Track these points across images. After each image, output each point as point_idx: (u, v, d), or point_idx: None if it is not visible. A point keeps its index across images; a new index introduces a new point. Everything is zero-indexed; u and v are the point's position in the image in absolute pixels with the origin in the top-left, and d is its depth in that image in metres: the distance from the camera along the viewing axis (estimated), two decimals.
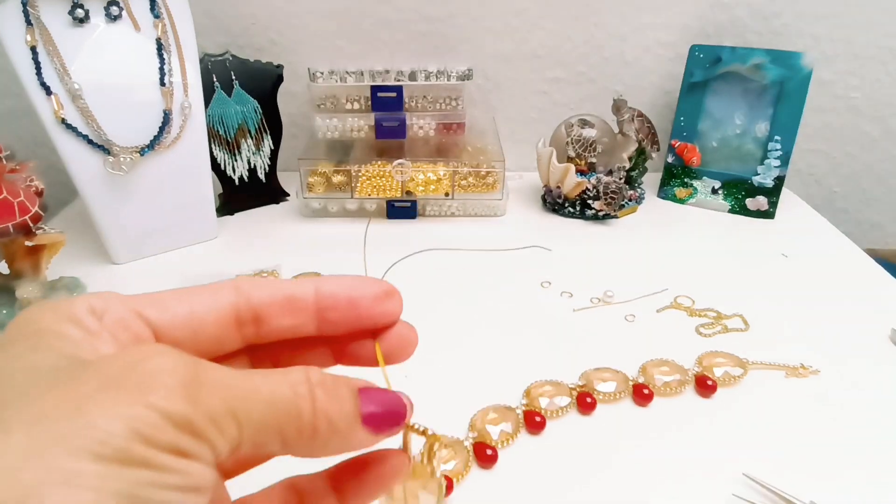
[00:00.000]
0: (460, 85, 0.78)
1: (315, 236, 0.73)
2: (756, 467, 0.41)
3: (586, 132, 0.81)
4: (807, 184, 0.96)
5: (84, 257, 0.67)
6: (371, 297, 0.21)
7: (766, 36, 0.85)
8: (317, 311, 0.21)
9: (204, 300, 0.20)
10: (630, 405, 0.48)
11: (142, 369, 0.15)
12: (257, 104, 0.76)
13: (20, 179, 0.52)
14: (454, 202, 0.77)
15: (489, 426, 0.43)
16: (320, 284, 0.21)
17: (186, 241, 0.70)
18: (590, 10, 0.83)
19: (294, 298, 0.20)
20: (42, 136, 0.60)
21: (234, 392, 0.16)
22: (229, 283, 0.20)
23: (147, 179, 0.64)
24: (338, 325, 0.21)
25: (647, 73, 0.87)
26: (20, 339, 0.17)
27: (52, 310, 0.18)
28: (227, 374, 0.16)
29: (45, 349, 0.17)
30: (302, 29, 0.83)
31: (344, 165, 0.77)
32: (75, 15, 0.59)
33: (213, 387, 0.16)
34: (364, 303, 0.21)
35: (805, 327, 0.57)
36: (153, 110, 0.63)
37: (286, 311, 0.20)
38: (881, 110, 0.90)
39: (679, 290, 0.62)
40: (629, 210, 0.79)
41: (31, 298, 0.54)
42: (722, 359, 0.51)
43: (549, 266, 0.67)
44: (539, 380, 0.48)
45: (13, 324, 0.18)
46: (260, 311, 0.20)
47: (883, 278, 0.65)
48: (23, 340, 0.17)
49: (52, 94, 0.58)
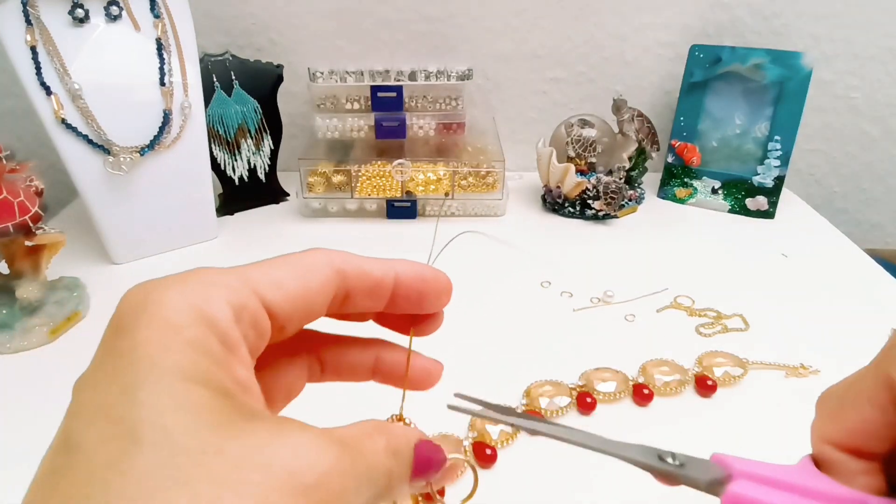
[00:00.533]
0: (460, 85, 0.78)
1: (315, 236, 0.73)
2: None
3: (586, 132, 0.81)
4: (807, 184, 0.96)
5: (84, 257, 0.67)
6: (437, 293, 0.23)
7: (766, 36, 0.85)
8: (390, 296, 0.22)
9: (315, 277, 0.20)
10: (630, 405, 0.48)
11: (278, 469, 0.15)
12: (257, 104, 0.76)
13: (20, 179, 0.52)
14: (454, 202, 0.77)
15: (489, 426, 0.43)
16: (399, 273, 0.22)
17: (186, 241, 0.70)
18: (590, 10, 0.83)
19: (380, 286, 0.21)
20: (42, 136, 0.60)
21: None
22: (330, 261, 0.20)
23: (147, 179, 0.64)
24: (399, 309, 0.23)
25: (647, 73, 0.87)
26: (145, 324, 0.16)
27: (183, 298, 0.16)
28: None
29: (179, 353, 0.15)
30: (302, 29, 0.83)
31: (344, 165, 0.77)
32: (75, 15, 0.59)
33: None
34: (430, 297, 0.23)
35: (805, 327, 0.57)
36: (153, 110, 0.63)
37: (369, 295, 0.21)
38: (881, 110, 0.90)
39: (679, 290, 0.62)
40: (629, 210, 0.79)
41: (30, 298, 0.54)
42: (722, 359, 0.51)
43: (549, 266, 0.67)
44: (539, 380, 0.48)
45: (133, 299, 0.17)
46: (350, 293, 0.21)
47: (883, 278, 0.65)
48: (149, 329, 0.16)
49: (52, 94, 0.58)
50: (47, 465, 0.15)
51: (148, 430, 0.14)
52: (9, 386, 0.49)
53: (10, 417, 0.46)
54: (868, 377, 0.19)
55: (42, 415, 0.46)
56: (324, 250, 0.21)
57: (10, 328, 0.53)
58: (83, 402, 0.16)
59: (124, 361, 0.15)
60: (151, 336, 0.16)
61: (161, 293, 0.17)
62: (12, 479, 0.41)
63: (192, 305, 0.16)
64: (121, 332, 0.16)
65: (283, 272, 0.19)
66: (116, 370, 0.15)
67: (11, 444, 0.44)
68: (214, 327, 0.16)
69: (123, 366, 0.15)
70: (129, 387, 0.15)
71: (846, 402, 0.20)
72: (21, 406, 0.47)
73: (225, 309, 0.17)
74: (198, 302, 0.16)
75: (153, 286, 0.17)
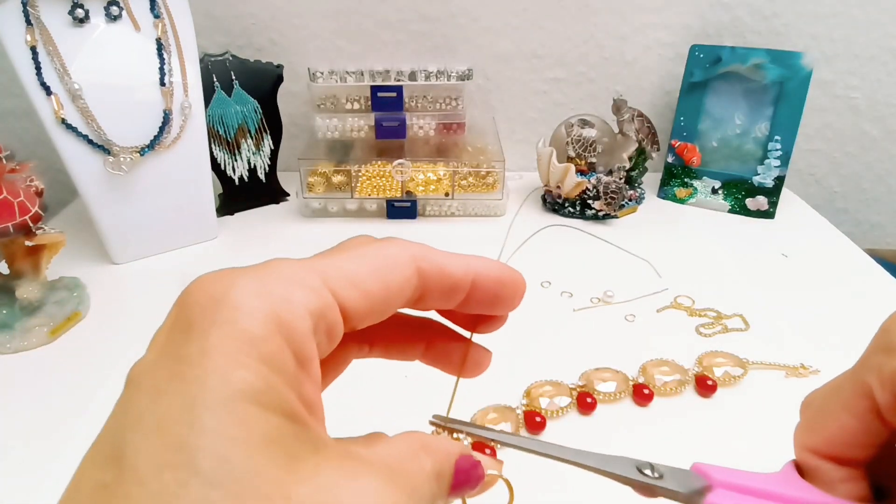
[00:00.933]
0: (460, 85, 0.78)
1: (315, 236, 0.73)
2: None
3: (586, 132, 0.81)
4: (807, 184, 0.96)
5: (84, 257, 0.67)
6: (512, 296, 0.22)
7: (766, 36, 0.85)
8: (465, 297, 0.21)
9: (395, 278, 0.18)
10: (630, 405, 0.48)
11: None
12: (257, 104, 0.76)
13: (20, 179, 0.52)
14: (454, 202, 0.77)
15: (489, 426, 0.43)
16: (478, 273, 0.20)
17: (186, 241, 0.70)
18: (590, 10, 0.83)
19: (457, 287, 0.20)
20: (42, 136, 0.60)
21: None
22: (411, 259, 0.19)
23: (147, 179, 0.64)
24: (468, 309, 0.22)
25: (647, 73, 0.87)
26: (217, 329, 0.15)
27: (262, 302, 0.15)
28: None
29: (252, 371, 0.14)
30: (302, 29, 0.83)
31: (344, 165, 0.77)
32: (75, 15, 0.59)
33: None
34: (504, 301, 0.22)
35: (805, 327, 0.57)
36: (153, 110, 0.63)
37: (444, 295, 0.20)
38: (881, 110, 0.90)
39: (679, 290, 0.62)
40: (629, 210, 0.79)
41: (31, 298, 0.54)
42: (722, 359, 0.51)
43: (549, 266, 0.67)
44: (539, 380, 0.48)
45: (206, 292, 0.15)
46: (426, 293, 0.20)
47: (883, 278, 0.65)
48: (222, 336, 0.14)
49: (52, 94, 0.58)
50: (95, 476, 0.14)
51: (210, 463, 0.13)
52: (9, 386, 0.49)
53: (10, 417, 0.46)
54: (846, 385, 0.19)
55: (42, 415, 0.46)
56: (402, 243, 0.19)
57: (10, 328, 0.53)
58: (139, 406, 0.14)
59: (191, 370, 0.14)
60: (224, 346, 0.14)
61: (238, 293, 0.15)
62: (12, 478, 0.41)
63: (271, 312, 0.15)
64: (189, 332, 0.15)
65: (363, 269, 0.18)
66: (181, 378, 0.14)
67: (11, 444, 0.43)
68: (291, 341, 0.15)
69: (189, 376, 0.14)
70: (193, 405, 0.14)
71: (825, 411, 0.19)
72: (21, 406, 0.47)
73: (305, 319, 0.16)
74: (277, 308, 0.15)
75: (230, 281, 0.16)
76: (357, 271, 0.18)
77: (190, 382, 0.14)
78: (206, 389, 0.14)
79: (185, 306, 0.16)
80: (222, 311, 0.15)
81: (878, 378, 0.17)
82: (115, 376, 0.50)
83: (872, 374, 0.17)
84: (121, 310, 0.59)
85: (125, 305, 0.60)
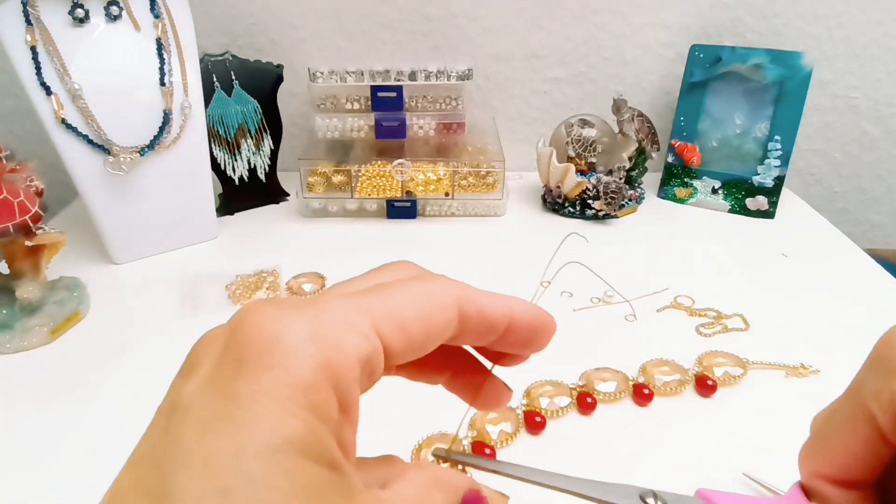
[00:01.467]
0: (460, 85, 0.78)
1: (315, 236, 0.73)
2: (756, 467, 0.41)
3: (586, 132, 0.81)
4: (807, 184, 0.96)
5: (84, 257, 0.67)
6: (543, 339, 0.21)
7: (766, 36, 0.85)
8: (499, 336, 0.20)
9: (438, 321, 0.18)
10: (630, 405, 0.48)
11: None
12: (257, 104, 0.76)
13: (20, 179, 0.52)
14: (454, 202, 0.77)
15: (489, 426, 0.43)
16: (516, 317, 0.20)
17: (186, 241, 0.70)
18: (590, 10, 0.83)
19: (493, 328, 0.20)
20: (42, 136, 0.60)
21: None
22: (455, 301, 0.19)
23: (147, 179, 0.64)
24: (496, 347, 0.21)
25: (647, 73, 0.87)
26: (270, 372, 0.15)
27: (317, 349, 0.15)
28: None
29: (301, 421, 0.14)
30: (302, 29, 0.83)
31: (344, 165, 0.77)
32: (75, 15, 0.59)
33: None
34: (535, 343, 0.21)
35: (805, 327, 0.57)
36: (153, 110, 0.63)
37: (480, 334, 0.20)
38: (881, 110, 0.90)
39: (679, 290, 0.62)
40: (629, 210, 0.79)
41: (31, 298, 0.54)
42: (722, 359, 0.51)
43: (549, 266, 0.66)
44: (539, 380, 0.48)
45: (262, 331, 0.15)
46: (462, 334, 0.20)
47: (883, 278, 0.65)
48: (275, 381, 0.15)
49: (52, 94, 0.58)
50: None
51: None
52: (9, 386, 0.49)
53: (10, 417, 0.46)
54: (846, 409, 0.18)
55: (42, 415, 0.46)
56: (447, 282, 0.19)
57: (10, 328, 0.53)
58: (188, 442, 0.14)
59: (241, 412, 0.14)
60: (275, 392, 0.15)
61: (293, 337, 0.15)
62: (13, 478, 0.41)
63: (324, 361, 0.15)
64: (240, 368, 0.15)
65: (410, 311, 0.18)
66: (230, 418, 0.14)
67: (11, 444, 0.43)
68: (339, 389, 0.16)
69: (239, 418, 0.14)
70: (241, 451, 0.14)
71: (827, 435, 0.19)
72: (21, 406, 0.47)
73: (354, 368, 0.16)
74: (329, 356, 0.15)
75: (285, 320, 0.16)
76: (404, 313, 0.18)
77: (239, 425, 0.14)
78: (255, 435, 0.14)
79: (237, 339, 0.16)
80: (275, 354, 0.15)
81: (878, 403, 0.17)
82: (115, 376, 0.50)
83: (871, 399, 0.17)
84: (121, 310, 0.59)
85: (125, 305, 0.60)
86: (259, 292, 0.61)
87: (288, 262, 0.66)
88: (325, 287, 0.62)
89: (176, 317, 0.58)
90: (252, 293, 0.60)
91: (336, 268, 0.64)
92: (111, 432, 0.44)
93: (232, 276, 0.63)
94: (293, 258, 0.66)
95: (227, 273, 0.63)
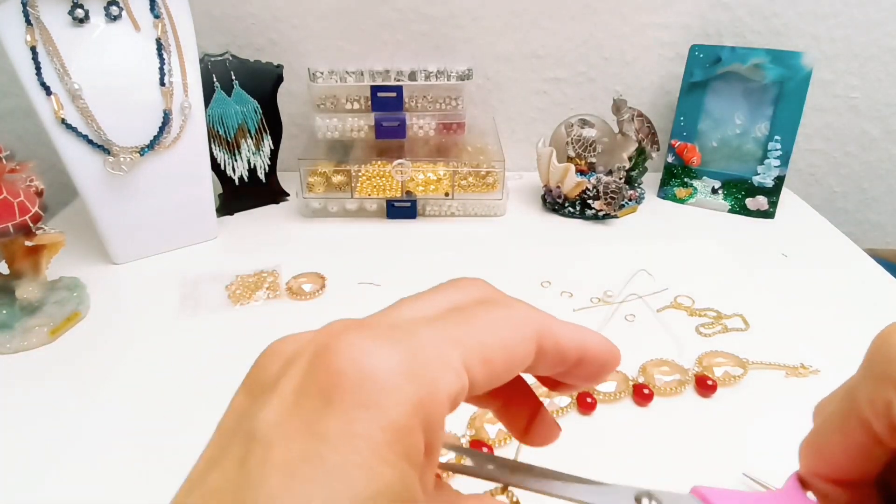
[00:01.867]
0: (460, 85, 0.78)
1: (315, 236, 0.73)
2: (756, 467, 0.41)
3: (586, 132, 0.81)
4: (807, 184, 0.96)
5: (84, 257, 0.67)
6: (607, 372, 0.21)
7: (766, 36, 0.85)
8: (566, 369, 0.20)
9: (519, 355, 0.18)
10: (630, 405, 0.48)
11: None
12: (257, 104, 0.76)
13: (20, 179, 0.52)
14: (454, 202, 0.77)
15: (487, 425, 0.43)
16: (586, 352, 0.20)
17: (186, 241, 0.70)
18: (590, 10, 0.83)
19: (565, 361, 0.19)
20: (42, 136, 0.60)
21: None
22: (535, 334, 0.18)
23: (147, 179, 0.64)
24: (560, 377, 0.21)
25: (647, 73, 0.87)
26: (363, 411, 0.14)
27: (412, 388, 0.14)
28: None
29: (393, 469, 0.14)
30: (302, 29, 0.83)
31: (344, 165, 0.77)
32: (75, 15, 0.59)
33: None
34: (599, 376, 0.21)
35: (805, 327, 0.57)
36: (153, 110, 0.63)
37: (550, 366, 0.20)
38: (881, 110, 0.90)
39: (679, 290, 0.62)
40: (629, 210, 0.79)
41: (31, 298, 0.54)
42: (722, 359, 0.51)
43: (549, 266, 0.67)
44: None
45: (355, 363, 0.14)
46: (536, 365, 0.19)
47: (883, 278, 0.65)
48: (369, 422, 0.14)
49: (52, 94, 0.58)
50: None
51: None
52: (9, 386, 0.49)
53: (10, 417, 0.46)
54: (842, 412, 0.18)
55: (42, 415, 0.46)
56: (528, 311, 0.19)
57: (10, 328, 0.53)
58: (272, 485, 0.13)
59: (332, 455, 0.13)
60: (371, 436, 0.14)
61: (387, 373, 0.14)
62: (13, 478, 0.41)
63: (419, 402, 0.14)
64: (330, 404, 0.14)
65: (494, 345, 0.17)
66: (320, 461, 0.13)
67: (11, 444, 0.44)
68: (428, 431, 0.15)
69: (331, 462, 0.13)
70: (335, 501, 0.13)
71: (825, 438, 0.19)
72: (21, 406, 0.47)
73: (444, 407, 0.15)
74: (423, 396, 0.15)
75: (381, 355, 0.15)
76: (489, 347, 0.17)
77: (330, 472, 0.13)
78: (349, 484, 0.13)
79: (325, 368, 0.15)
80: (370, 391, 0.14)
81: (872, 410, 0.17)
82: (115, 376, 0.50)
83: (865, 405, 0.17)
84: (121, 310, 0.59)
85: (125, 305, 0.60)
86: (259, 292, 0.61)
87: (288, 262, 0.66)
88: (325, 287, 0.62)
89: (176, 317, 0.58)
90: (252, 293, 0.60)
91: (336, 268, 0.64)
92: (111, 432, 0.44)
93: (232, 276, 0.63)
94: (293, 258, 0.66)
95: (227, 273, 0.63)
